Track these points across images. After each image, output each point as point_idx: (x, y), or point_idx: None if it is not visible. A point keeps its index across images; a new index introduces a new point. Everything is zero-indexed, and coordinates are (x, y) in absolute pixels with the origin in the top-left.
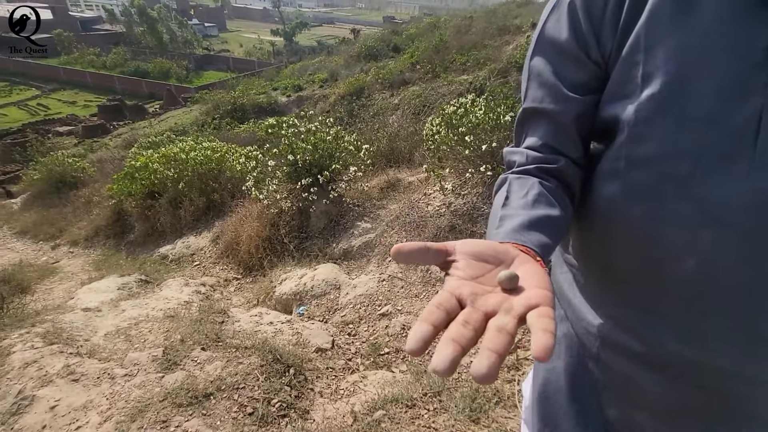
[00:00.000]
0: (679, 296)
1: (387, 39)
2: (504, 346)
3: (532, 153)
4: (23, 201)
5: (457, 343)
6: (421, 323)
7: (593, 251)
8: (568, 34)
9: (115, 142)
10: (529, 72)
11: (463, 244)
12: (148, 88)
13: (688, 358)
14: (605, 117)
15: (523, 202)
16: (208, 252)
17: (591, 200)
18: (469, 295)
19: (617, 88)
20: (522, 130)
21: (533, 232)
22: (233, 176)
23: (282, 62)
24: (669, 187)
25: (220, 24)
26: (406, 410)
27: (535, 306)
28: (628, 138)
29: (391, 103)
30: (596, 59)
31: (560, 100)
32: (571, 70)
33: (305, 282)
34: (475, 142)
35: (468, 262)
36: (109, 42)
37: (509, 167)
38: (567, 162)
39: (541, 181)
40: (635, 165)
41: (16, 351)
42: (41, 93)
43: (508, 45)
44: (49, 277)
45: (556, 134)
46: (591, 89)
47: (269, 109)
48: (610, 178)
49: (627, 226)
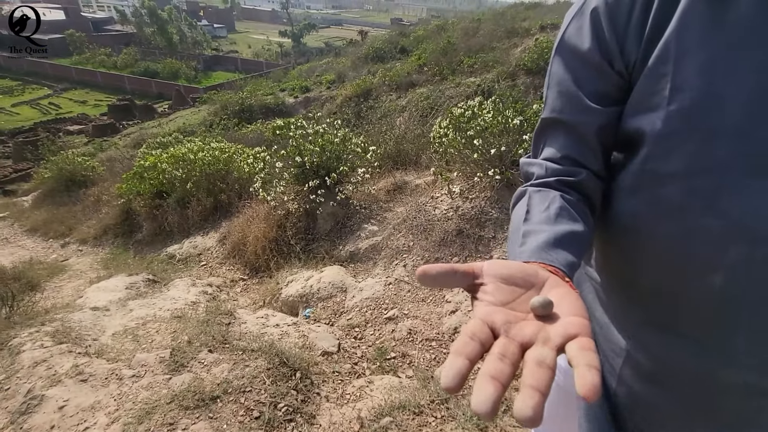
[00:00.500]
0: (703, 313)
1: (394, 41)
2: (547, 383)
3: (552, 165)
4: (34, 199)
5: (497, 380)
6: (456, 357)
7: (615, 266)
8: (591, 43)
9: (124, 142)
10: (548, 81)
11: (491, 265)
12: (157, 88)
13: (708, 374)
14: (629, 129)
15: (544, 216)
16: (215, 252)
17: (612, 214)
18: (503, 323)
19: (642, 99)
20: (540, 141)
21: (559, 249)
22: (241, 177)
23: (290, 63)
24: (696, 202)
25: (229, 25)
26: (413, 417)
27: (574, 336)
28: (654, 152)
29: (398, 105)
30: (620, 69)
31: (582, 111)
32: (593, 81)
33: (311, 284)
34: (483, 145)
35: (497, 285)
36: (120, 42)
37: (527, 179)
38: (588, 174)
39: (562, 194)
40: (660, 180)
41: (25, 350)
42: (53, 92)
43: (516, 48)
44: (59, 275)
45: (577, 146)
46: (614, 100)
47: (276, 110)
48: (633, 193)
49: (651, 241)
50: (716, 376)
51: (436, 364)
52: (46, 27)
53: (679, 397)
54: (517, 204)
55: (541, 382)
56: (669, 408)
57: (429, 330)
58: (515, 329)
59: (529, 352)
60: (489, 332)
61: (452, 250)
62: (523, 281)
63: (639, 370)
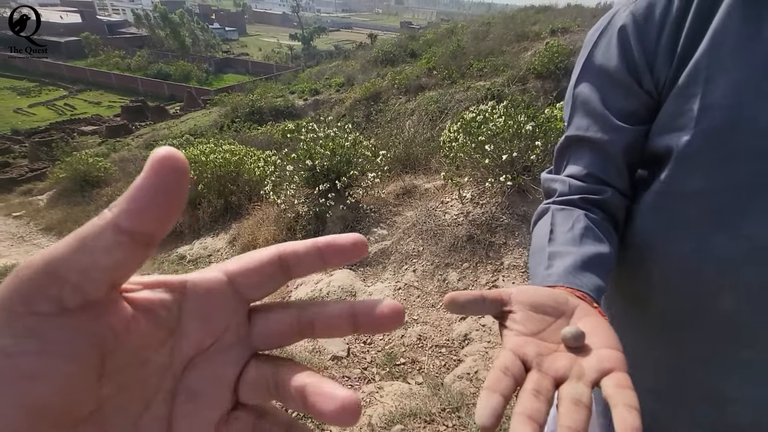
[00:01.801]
0: (715, 332)
1: (404, 44)
2: (584, 424)
3: (576, 182)
4: (49, 198)
5: (533, 420)
6: (490, 394)
7: (626, 283)
8: (619, 62)
9: (136, 143)
10: (573, 99)
11: (520, 293)
12: (169, 89)
13: (716, 390)
14: (655, 148)
15: (569, 237)
16: (225, 254)
17: (629, 232)
18: (535, 356)
19: (670, 119)
20: (564, 158)
21: (587, 273)
22: (251, 179)
23: (299, 66)
24: (714, 221)
25: (240, 28)
26: (424, 425)
27: (609, 371)
28: (678, 172)
29: (408, 108)
30: (649, 89)
31: (609, 129)
32: (621, 99)
33: (321, 288)
34: (494, 151)
35: (526, 314)
36: (134, 45)
37: (548, 195)
38: (613, 193)
39: (586, 213)
40: (682, 199)
41: None
42: (68, 93)
43: (527, 51)
44: None
45: (603, 164)
46: (641, 119)
47: (286, 112)
48: (653, 211)
49: (667, 259)
50: (724, 391)
51: (446, 370)
52: (62, 30)
53: (684, 412)
54: (539, 222)
55: (578, 423)
56: (674, 424)
57: (439, 336)
58: (548, 362)
59: (563, 388)
60: (521, 365)
61: (462, 255)
62: (553, 309)
63: (642, 386)
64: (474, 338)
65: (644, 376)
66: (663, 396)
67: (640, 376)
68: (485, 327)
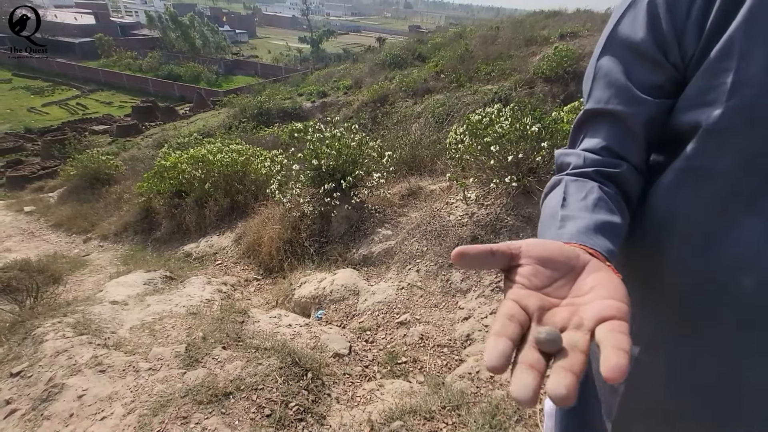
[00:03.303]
0: (730, 315)
1: (412, 47)
2: (579, 366)
3: (591, 156)
4: (59, 195)
5: (535, 369)
6: (498, 338)
7: (636, 266)
8: (646, 34)
9: (146, 142)
10: (595, 72)
11: (530, 246)
12: (179, 90)
13: (727, 375)
14: (680, 124)
15: (582, 204)
16: (231, 252)
17: (645, 212)
18: (536, 309)
19: (699, 94)
20: (581, 132)
21: (599, 236)
22: (257, 179)
23: (308, 68)
24: (740, 199)
25: (250, 31)
26: (424, 423)
27: (608, 319)
28: (705, 148)
29: (414, 110)
30: (675, 62)
31: (631, 102)
32: (646, 72)
33: (324, 286)
34: (500, 152)
35: (535, 269)
36: (145, 46)
37: (561, 169)
38: (629, 168)
39: (600, 185)
40: (708, 177)
41: (48, 339)
42: (81, 93)
43: (535, 56)
44: (80, 269)
45: (621, 138)
46: (666, 93)
47: (294, 114)
48: (674, 190)
49: (686, 239)
50: (737, 377)
51: (447, 370)
52: (76, 31)
53: (693, 398)
54: (551, 192)
55: (573, 364)
56: (682, 410)
57: (441, 336)
58: (548, 316)
59: (557, 363)
60: (525, 314)
61: None
62: (563, 265)
63: (650, 371)
64: (476, 338)
65: (646, 361)
66: (679, 385)
67: (655, 364)
68: (488, 327)
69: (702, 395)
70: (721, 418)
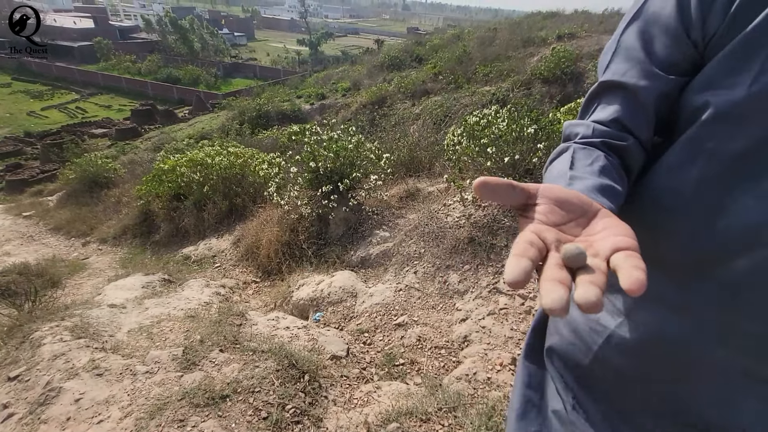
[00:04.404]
0: (725, 295)
1: (410, 49)
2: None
3: (600, 127)
4: (58, 199)
5: (565, 285)
6: (519, 258)
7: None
8: (673, 9)
9: (145, 145)
10: (617, 45)
11: (547, 189)
12: (178, 93)
13: (717, 358)
14: (693, 104)
15: (589, 169)
16: (229, 254)
17: (646, 192)
18: (554, 240)
19: (719, 76)
20: (593, 103)
21: (604, 197)
22: (255, 181)
23: (306, 71)
24: (744, 182)
25: (249, 34)
26: (420, 424)
27: (622, 249)
28: (718, 131)
29: (413, 112)
30: (695, 39)
31: (646, 75)
32: (664, 47)
33: (322, 288)
34: (497, 153)
35: (551, 207)
36: (144, 50)
37: (568, 139)
38: (635, 143)
39: (606, 155)
40: (717, 159)
41: (45, 343)
42: (80, 97)
43: (533, 57)
44: (79, 272)
45: (632, 112)
46: (680, 71)
47: (292, 116)
48: (680, 170)
49: (687, 219)
50: (713, 357)
51: (444, 371)
52: (75, 35)
53: (666, 373)
54: (557, 158)
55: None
56: (653, 384)
57: (438, 338)
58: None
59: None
60: (543, 244)
61: (464, 257)
62: (578, 207)
63: (622, 346)
64: (473, 340)
65: (625, 338)
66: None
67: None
68: (485, 329)
69: (670, 368)
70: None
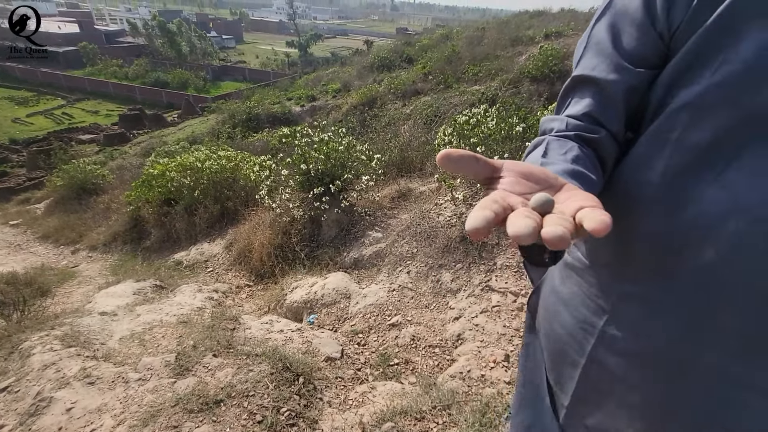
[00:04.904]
0: (691, 289)
1: (400, 50)
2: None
3: (573, 121)
4: (46, 206)
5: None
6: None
7: (605, 239)
8: (639, 2)
9: (134, 150)
10: (588, 40)
11: (512, 163)
12: (167, 97)
13: (688, 355)
14: (661, 96)
15: (562, 158)
16: (221, 259)
17: (619, 185)
18: (519, 203)
19: (684, 68)
20: (567, 99)
21: (576, 181)
22: (247, 185)
23: (296, 73)
24: (709, 172)
25: (238, 36)
26: (415, 423)
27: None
28: (683, 121)
29: (403, 113)
30: (661, 31)
31: (614, 69)
32: (633, 40)
33: (316, 290)
34: (486, 152)
35: (516, 179)
36: (131, 54)
37: (544, 134)
38: (607, 135)
39: (580, 146)
40: (682, 149)
41: (35, 353)
42: (66, 102)
43: (521, 56)
44: (69, 280)
45: (603, 105)
46: (648, 63)
47: (283, 119)
48: (647, 161)
49: (655, 210)
50: (698, 359)
51: (439, 370)
52: (60, 40)
53: (655, 374)
54: (533, 150)
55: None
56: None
57: (432, 337)
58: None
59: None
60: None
61: (456, 256)
62: (543, 180)
63: (614, 346)
64: (467, 338)
65: (612, 335)
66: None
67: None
68: (478, 327)
69: (657, 371)
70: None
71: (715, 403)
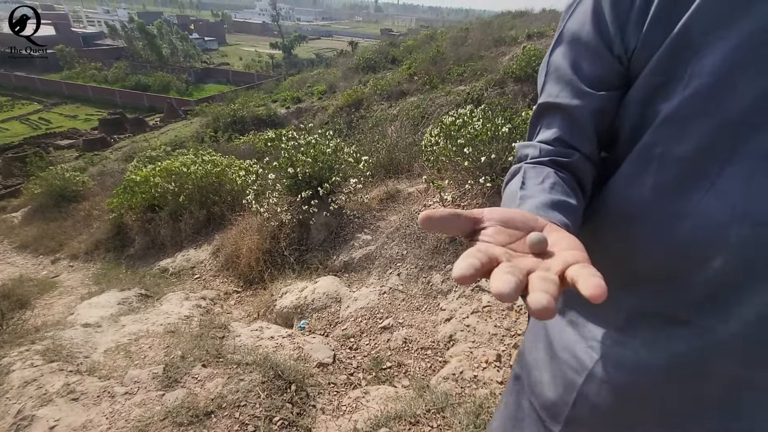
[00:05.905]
0: (702, 298)
1: (384, 51)
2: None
3: (546, 146)
4: (24, 215)
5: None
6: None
7: (605, 258)
8: (591, 28)
9: (115, 155)
10: (547, 67)
11: (492, 211)
12: (148, 101)
13: (700, 363)
14: (636, 114)
15: (540, 187)
16: (209, 265)
17: (609, 204)
18: (503, 254)
19: (655, 84)
20: (536, 125)
21: (556, 212)
22: (233, 189)
23: (281, 75)
24: (700, 183)
25: (220, 38)
26: (409, 427)
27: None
28: (664, 136)
29: (390, 114)
30: (619, 54)
31: (577, 95)
32: (590, 65)
33: (306, 295)
34: (473, 153)
35: (497, 228)
36: (110, 57)
37: (521, 161)
38: (581, 157)
39: (556, 172)
40: (668, 163)
41: (15, 369)
42: (43, 107)
43: (504, 56)
44: (49, 291)
45: (571, 130)
46: (610, 86)
47: (269, 121)
48: (635, 179)
49: (649, 226)
50: (706, 364)
51: (432, 372)
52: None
53: (660, 394)
54: (512, 179)
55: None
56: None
57: (424, 338)
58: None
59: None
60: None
61: (446, 257)
62: (523, 224)
63: (609, 380)
64: (459, 339)
65: (607, 369)
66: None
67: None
68: (470, 327)
69: (670, 382)
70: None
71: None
